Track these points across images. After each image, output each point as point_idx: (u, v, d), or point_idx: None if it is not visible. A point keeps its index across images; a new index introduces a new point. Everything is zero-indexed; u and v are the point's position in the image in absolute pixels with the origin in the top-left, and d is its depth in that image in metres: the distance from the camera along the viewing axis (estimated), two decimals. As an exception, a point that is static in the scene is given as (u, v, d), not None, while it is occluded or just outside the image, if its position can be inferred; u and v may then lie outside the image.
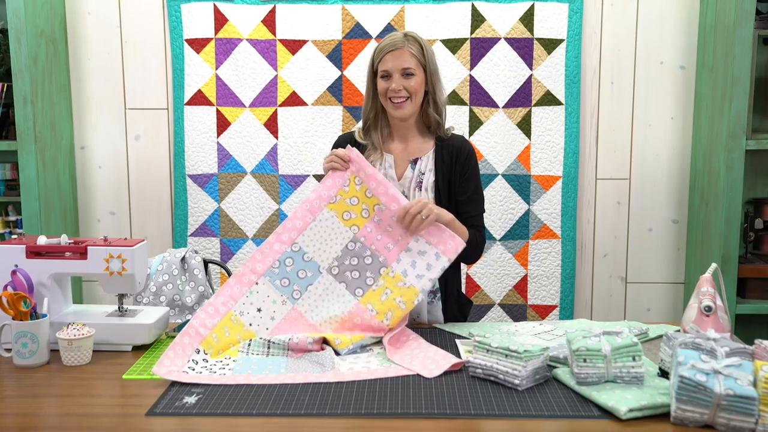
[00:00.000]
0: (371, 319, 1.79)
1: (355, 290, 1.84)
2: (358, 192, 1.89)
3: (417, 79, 1.95)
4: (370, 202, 1.88)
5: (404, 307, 1.81)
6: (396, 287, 1.83)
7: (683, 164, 3.11)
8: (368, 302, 1.82)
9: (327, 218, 1.88)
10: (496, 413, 1.39)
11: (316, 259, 1.87)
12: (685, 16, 3.04)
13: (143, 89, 3.13)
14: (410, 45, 1.94)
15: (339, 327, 1.80)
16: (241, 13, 3.03)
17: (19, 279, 1.72)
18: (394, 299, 1.81)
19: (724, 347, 1.34)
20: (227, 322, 1.78)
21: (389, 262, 1.85)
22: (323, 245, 1.87)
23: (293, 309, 1.82)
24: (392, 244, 1.86)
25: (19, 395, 1.51)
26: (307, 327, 1.80)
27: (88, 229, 3.21)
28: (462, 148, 2.02)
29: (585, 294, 3.20)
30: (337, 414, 1.39)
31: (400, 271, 1.84)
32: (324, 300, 1.83)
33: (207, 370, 1.62)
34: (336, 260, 1.86)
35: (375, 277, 1.84)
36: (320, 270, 1.86)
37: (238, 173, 3.10)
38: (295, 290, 1.84)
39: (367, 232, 1.87)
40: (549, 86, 3.03)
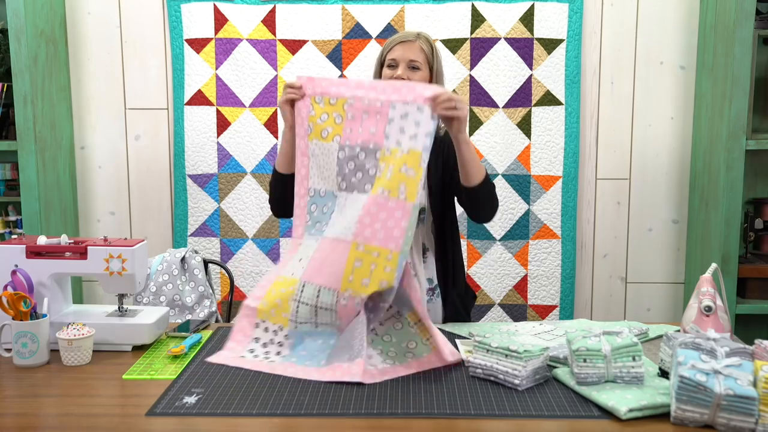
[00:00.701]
0: (386, 204, 1.71)
1: (364, 187, 1.79)
2: (323, 108, 1.85)
3: (421, 74, 1.94)
4: (338, 106, 1.84)
5: (413, 173, 1.71)
6: (396, 159, 1.74)
7: (683, 164, 3.11)
8: (377, 188, 1.75)
9: (315, 149, 1.86)
10: (496, 413, 1.39)
11: (328, 189, 1.85)
12: (685, 16, 3.04)
13: (143, 89, 3.13)
14: (421, 41, 1.96)
15: (360, 230, 1.71)
16: (241, 13, 3.03)
17: (19, 279, 1.72)
18: (400, 170, 1.72)
19: (724, 347, 1.34)
20: (275, 285, 1.79)
21: (380, 144, 1.78)
22: (325, 173, 1.85)
23: (322, 239, 1.80)
24: (373, 127, 1.80)
25: (19, 395, 1.51)
26: (330, 245, 1.76)
27: (88, 229, 3.21)
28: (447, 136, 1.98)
29: (585, 294, 3.20)
30: (337, 414, 1.39)
31: (393, 146, 1.76)
32: (344, 213, 1.80)
33: (263, 355, 1.69)
34: (338, 176, 1.83)
35: (375, 165, 1.78)
36: (335, 194, 1.84)
37: (238, 173, 3.11)
38: (323, 224, 1.84)
39: (348, 133, 1.83)
40: (549, 86, 3.03)
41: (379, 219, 1.71)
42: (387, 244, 1.68)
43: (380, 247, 1.68)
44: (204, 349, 1.78)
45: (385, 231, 1.70)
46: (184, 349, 1.72)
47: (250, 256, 3.13)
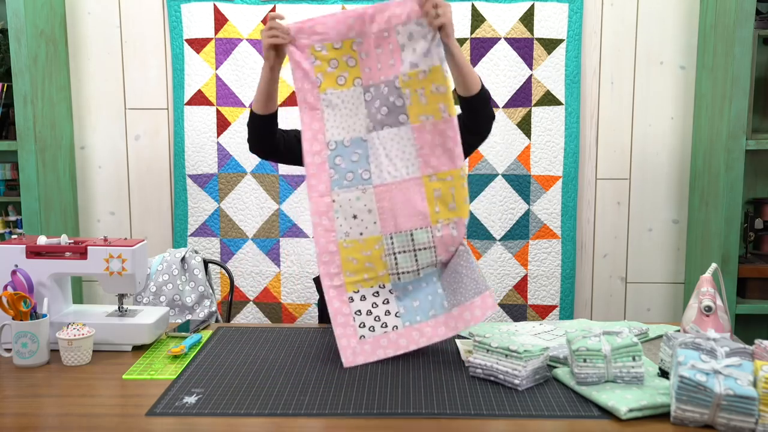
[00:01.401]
0: (435, 128, 1.71)
1: (398, 118, 1.74)
2: (328, 55, 1.77)
3: None
4: (346, 48, 1.77)
5: (443, 89, 1.71)
6: (421, 81, 1.71)
7: (683, 164, 3.11)
8: (417, 116, 1.73)
9: (331, 98, 1.77)
10: (496, 413, 1.39)
11: (354, 137, 1.77)
12: (685, 16, 3.04)
13: (143, 89, 3.13)
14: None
15: (425, 163, 1.72)
16: (241, 13, 3.03)
17: (19, 279, 1.72)
18: (431, 90, 1.71)
19: (724, 347, 1.34)
20: (345, 252, 1.72)
21: (398, 71, 1.74)
22: (348, 121, 1.77)
23: (375, 187, 1.74)
24: (391, 59, 1.74)
25: (19, 395, 1.51)
26: (396, 189, 1.73)
27: (88, 229, 3.21)
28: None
29: (585, 294, 3.20)
30: (337, 414, 1.39)
31: (408, 69, 1.72)
32: (388, 152, 1.74)
33: (380, 326, 1.69)
34: (367, 118, 1.77)
35: (399, 93, 1.74)
36: (363, 139, 1.76)
37: (238, 173, 3.11)
38: (362, 173, 1.75)
39: (368, 72, 1.77)
40: (549, 86, 3.03)
41: (437, 145, 1.73)
42: (456, 164, 1.72)
43: (451, 170, 1.72)
44: (204, 349, 1.78)
45: (447, 154, 1.72)
46: (184, 349, 1.73)
47: (250, 256, 3.13)
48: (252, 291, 3.14)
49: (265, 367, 1.65)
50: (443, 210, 1.72)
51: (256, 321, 3.14)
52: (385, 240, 1.72)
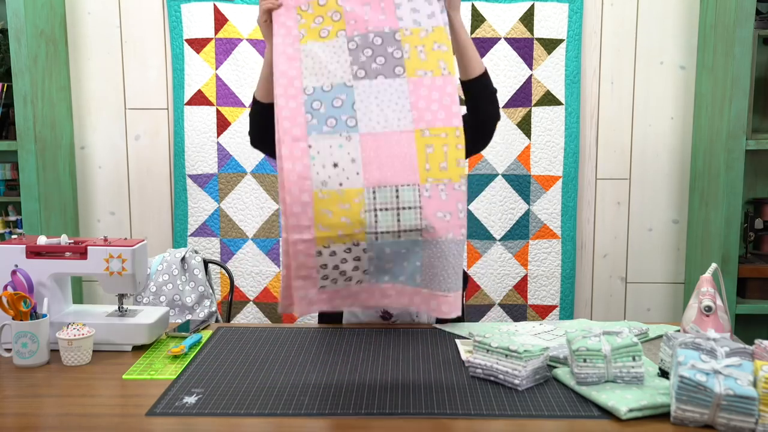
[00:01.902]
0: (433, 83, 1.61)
1: (394, 69, 1.63)
2: (313, 13, 1.69)
3: None
4: (331, 4, 1.69)
5: (446, 48, 1.63)
6: (422, 39, 1.64)
7: (683, 164, 3.11)
8: (414, 70, 1.62)
9: (311, 49, 1.65)
10: (496, 413, 1.39)
11: (335, 82, 1.62)
12: (685, 16, 3.04)
13: (143, 89, 3.13)
14: None
15: (419, 116, 1.60)
16: (241, 13, 3.03)
17: (19, 279, 1.72)
18: (432, 49, 1.63)
19: (724, 347, 1.34)
20: (320, 204, 1.53)
21: (395, 26, 1.65)
22: (328, 68, 1.64)
23: (362, 136, 1.58)
24: (381, 14, 1.66)
25: (19, 395, 1.51)
26: (383, 139, 1.59)
27: (88, 229, 3.21)
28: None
29: (585, 294, 3.20)
30: (337, 414, 1.39)
31: (412, 25, 1.65)
32: (379, 102, 1.61)
33: (343, 279, 1.53)
34: (352, 65, 1.63)
35: (399, 46, 1.64)
36: (347, 84, 1.62)
37: (238, 173, 3.11)
38: (347, 119, 1.59)
39: (353, 24, 1.67)
40: (549, 86, 3.03)
41: (433, 100, 1.60)
42: (451, 122, 1.59)
43: (446, 127, 1.58)
44: (204, 349, 1.78)
45: (444, 110, 1.60)
46: (184, 349, 1.73)
47: (250, 256, 3.13)
48: (252, 291, 3.14)
49: (265, 367, 1.65)
50: (434, 168, 1.57)
51: (256, 321, 3.14)
52: (367, 193, 1.54)
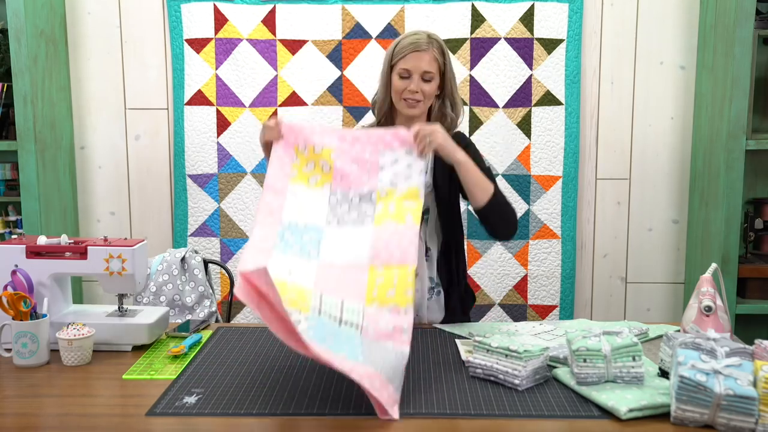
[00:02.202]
0: (395, 230, 1.71)
1: (363, 221, 1.76)
2: (308, 157, 1.82)
3: (434, 84, 1.94)
4: (325, 155, 1.82)
5: (414, 204, 1.75)
6: (395, 198, 1.77)
7: (683, 164, 3.11)
8: (382, 221, 1.74)
9: (297, 191, 1.79)
10: (496, 413, 1.39)
11: (309, 223, 1.74)
12: (685, 16, 3.04)
13: (143, 89, 3.13)
14: (434, 48, 1.92)
15: (375, 254, 1.68)
16: (241, 13, 3.03)
17: (19, 279, 1.72)
18: (402, 204, 1.76)
19: (724, 347, 1.34)
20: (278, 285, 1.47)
21: (373, 187, 1.80)
22: (309, 211, 1.77)
23: (320, 263, 1.67)
24: (365, 175, 1.81)
25: (19, 395, 1.51)
26: (338, 270, 1.66)
27: (88, 229, 3.21)
28: (459, 141, 1.95)
29: (585, 294, 3.20)
30: (337, 414, 1.39)
31: (388, 186, 1.79)
32: (343, 244, 1.73)
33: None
34: (329, 215, 1.78)
35: (373, 204, 1.78)
36: (319, 228, 1.75)
37: (238, 173, 3.11)
38: (310, 251, 1.69)
39: (339, 180, 1.82)
40: (549, 86, 3.03)
41: (392, 242, 1.70)
42: (405, 261, 1.66)
43: (399, 265, 1.66)
44: (204, 349, 1.78)
45: (400, 251, 1.68)
46: (184, 349, 1.73)
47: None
48: (252, 291, 3.13)
49: (265, 367, 1.65)
50: (381, 295, 1.61)
51: (256, 321, 3.14)
52: (314, 295, 1.57)
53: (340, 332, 1.49)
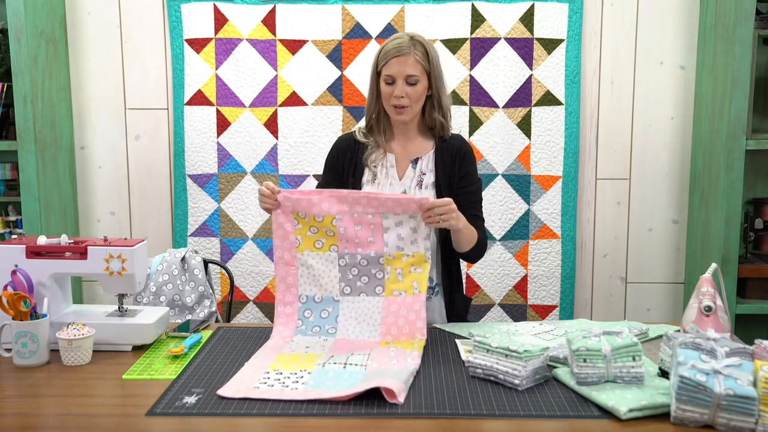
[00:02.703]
0: (404, 301, 1.84)
1: (375, 289, 1.87)
2: (309, 222, 1.89)
3: (420, 86, 1.94)
4: (326, 223, 1.88)
5: (421, 270, 1.86)
6: (403, 263, 1.87)
7: (683, 164, 3.11)
8: (391, 291, 1.85)
9: (306, 259, 1.89)
10: (496, 413, 1.39)
11: (325, 295, 1.89)
12: (685, 16, 3.04)
13: (143, 89, 3.13)
14: (416, 50, 1.92)
15: (386, 330, 1.82)
16: (241, 13, 3.03)
17: (19, 279, 1.72)
18: (410, 270, 1.86)
19: (724, 347, 1.34)
20: (280, 359, 1.68)
21: (380, 251, 1.87)
22: (321, 281, 1.89)
23: (337, 339, 1.83)
24: (371, 237, 1.87)
25: (19, 395, 1.51)
26: (359, 346, 1.78)
27: (88, 229, 3.21)
28: (461, 148, 2.04)
29: (585, 294, 3.20)
30: (337, 414, 1.39)
31: (395, 251, 1.87)
32: (357, 316, 1.86)
33: (280, 383, 1.52)
34: (340, 282, 1.89)
35: (381, 269, 1.87)
36: (335, 299, 1.88)
37: (238, 173, 3.10)
38: (328, 329, 1.86)
39: (345, 243, 1.88)
40: (549, 86, 3.03)
41: (401, 316, 1.83)
42: (414, 336, 1.80)
43: (408, 341, 1.79)
44: (204, 349, 1.78)
45: (409, 325, 1.81)
46: (184, 349, 1.73)
47: (250, 256, 3.13)
48: (252, 291, 3.14)
49: (265, 367, 1.65)
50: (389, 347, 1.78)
51: (256, 321, 3.14)
52: (324, 356, 1.69)
53: (344, 372, 1.58)
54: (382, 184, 2.01)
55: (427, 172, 2.01)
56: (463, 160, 2.02)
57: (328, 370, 1.59)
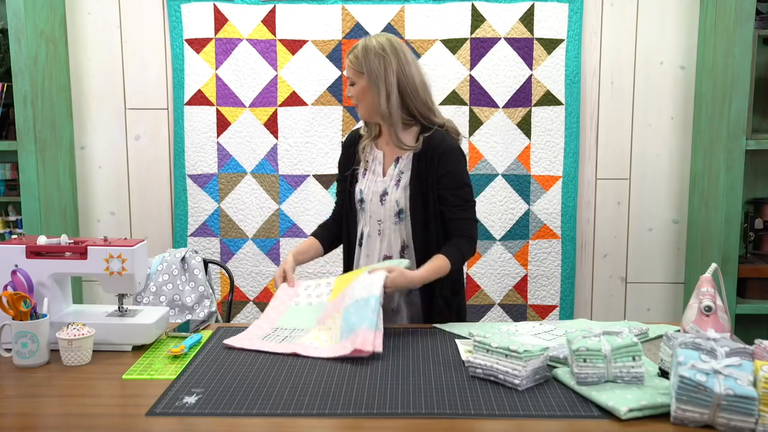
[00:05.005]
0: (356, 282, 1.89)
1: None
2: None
3: (358, 87, 2.01)
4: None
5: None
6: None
7: (683, 164, 3.11)
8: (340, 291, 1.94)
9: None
10: (496, 413, 1.39)
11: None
12: (685, 16, 3.04)
13: (143, 89, 3.13)
14: (351, 56, 2.01)
15: (323, 317, 1.90)
16: (241, 13, 3.03)
17: (19, 279, 1.72)
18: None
19: (724, 347, 1.34)
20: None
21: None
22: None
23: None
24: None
25: (19, 395, 1.51)
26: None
27: (88, 229, 3.21)
28: (438, 147, 1.98)
29: (585, 294, 3.20)
30: (337, 414, 1.39)
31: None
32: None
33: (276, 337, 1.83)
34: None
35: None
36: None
37: (238, 173, 3.11)
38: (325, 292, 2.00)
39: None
40: (549, 86, 3.03)
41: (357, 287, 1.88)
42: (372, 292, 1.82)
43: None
44: (204, 349, 1.78)
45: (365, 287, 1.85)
46: (184, 349, 1.72)
47: (250, 256, 3.13)
48: (252, 291, 3.14)
49: (265, 367, 1.65)
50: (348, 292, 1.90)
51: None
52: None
53: (310, 309, 1.84)
54: (369, 179, 2.07)
55: (405, 171, 2.01)
56: (440, 160, 1.96)
57: (294, 308, 1.91)
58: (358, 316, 1.74)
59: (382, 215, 2.03)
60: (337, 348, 1.72)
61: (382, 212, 2.02)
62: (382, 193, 2.02)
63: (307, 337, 1.81)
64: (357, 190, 2.07)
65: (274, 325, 1.92)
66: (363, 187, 2.06)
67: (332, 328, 1.81)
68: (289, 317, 1.94)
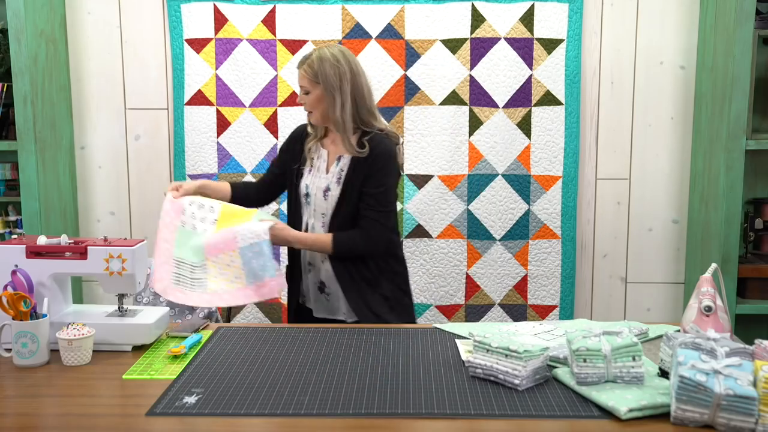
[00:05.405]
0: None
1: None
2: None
3: (313, 95, 2.09)
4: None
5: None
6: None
7: (683, 164, 3.11)
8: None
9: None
10: (496, 413, 1.39)
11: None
12: (685, 16, 3.04)
13: (143, 89, 3.13)
14: (305, 65, 2.09)
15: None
16: (241, 13, 3.03)
17: (19, 279, 1.72)
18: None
19: (724, 347, 1.34)
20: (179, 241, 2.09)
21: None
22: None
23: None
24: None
25: (19, 395, 1.51)
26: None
27: (88, 229, 3.21)
28: (372, 151, 2.10)
29: (585, 294, 3.20)
30: (337, 414, 1.39)
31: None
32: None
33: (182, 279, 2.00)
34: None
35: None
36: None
37: (238, 173, 3.10)
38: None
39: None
40: (549, 86, 3.03)
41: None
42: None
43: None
44: (204, 349, 1.78)
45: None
46: (184, 349, 1.73)
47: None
48: (252, 291, 3.13)
49: (265, 367, 1.65)
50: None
51: (256, 321, 3.14)
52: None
53: (195, 236, 2.04)
54: (314, 175, 2.18)
55: (345, 170, 2.13)
56: (371, 163, 2.10)
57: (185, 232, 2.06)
58: (258, 262, 1.97)
59: (325, 209, 2.15)
60: (244, 294, 1.99)
61: (325, 206, 2.15)
62: (325, 189, 2.15)
63: (212, 280, 2.00)
64: (303, 185, 2.20)
65: (173, 254, 2.04)
66: (309, 182, 2.18)
67: (231, 266, 2.00)
68: (180, 244, 2.07)
